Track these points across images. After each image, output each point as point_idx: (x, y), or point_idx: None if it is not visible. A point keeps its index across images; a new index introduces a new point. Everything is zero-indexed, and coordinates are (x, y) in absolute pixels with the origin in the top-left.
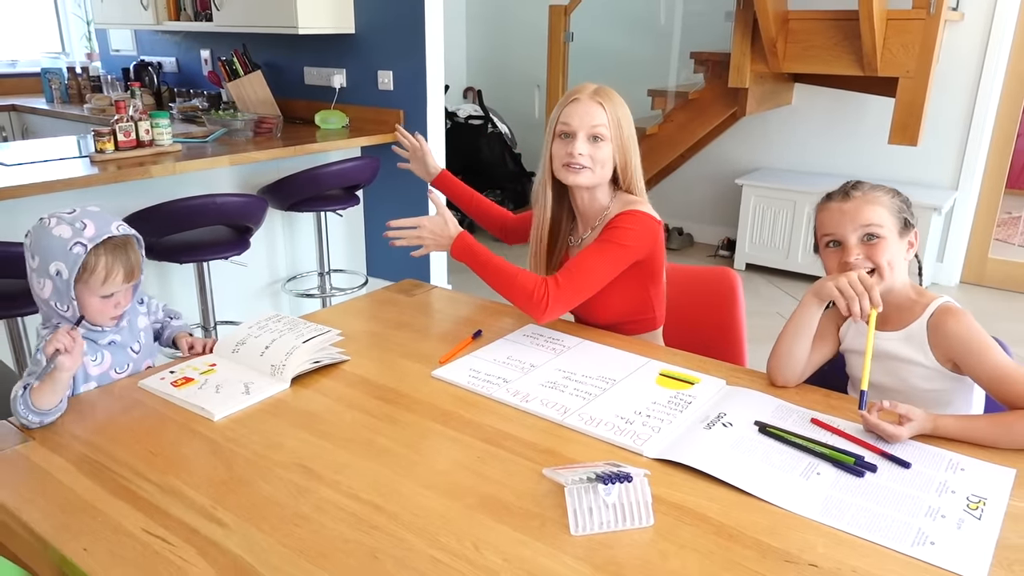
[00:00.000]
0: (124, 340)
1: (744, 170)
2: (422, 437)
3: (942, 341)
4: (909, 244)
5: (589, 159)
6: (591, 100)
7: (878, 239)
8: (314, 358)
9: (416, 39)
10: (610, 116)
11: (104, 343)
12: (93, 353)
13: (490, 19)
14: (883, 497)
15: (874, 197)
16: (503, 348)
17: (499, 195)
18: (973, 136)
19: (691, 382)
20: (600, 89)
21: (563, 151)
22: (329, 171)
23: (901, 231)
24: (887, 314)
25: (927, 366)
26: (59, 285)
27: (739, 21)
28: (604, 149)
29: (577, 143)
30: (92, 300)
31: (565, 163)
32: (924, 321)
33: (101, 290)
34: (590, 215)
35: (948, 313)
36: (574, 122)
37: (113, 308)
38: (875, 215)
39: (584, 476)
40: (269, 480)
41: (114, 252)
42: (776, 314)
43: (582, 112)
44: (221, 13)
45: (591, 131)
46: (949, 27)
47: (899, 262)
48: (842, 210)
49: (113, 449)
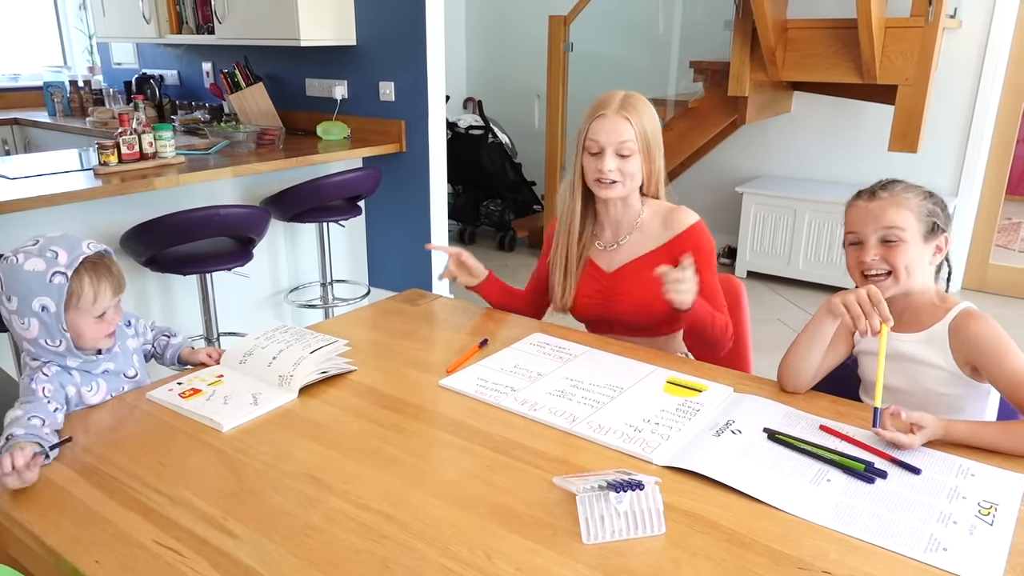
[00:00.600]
0: (118, 367)
1: (744, 178)
2: (431, 446)
3: (963, 344)
4: (937, 248)
5: (619, 173)
6: (617, 116)
7: (898, 242)
8: (321, 368)
9: (417, 50)
10: (637, 129)
11: (98, 372)
12: (88, 383)
13: (490, 30)
14: (894, 503)
15: (902, 199)
16: (510, 357)
17: (500, 204)
18: (972, 143)
19: (699, 389)
20: (626, 101)
21: (593, 167)
22: (331, 182)
23: (926, 235)
24: (906, 316)
25: (944, 369)
26: (47, 320)
27: (738, 30)
28: (632, 163)
29: (606, 160)
30: (86, 324)
31: (596, 179)
32: (946, 324)
33: (94, 311)
34: (623, 223)
35: (972, 316)
36: (602, 139)
37: (108, 326)
38: (898, 217)
39: (595, 484)
40: (279, 490)
41: (95, 270)
42: (778, 321)
43: (609, 128)
44: (223, 26)
45: (619, 148)
46: (947, 35)
47: (919, 266)
48: (867, 209)
49: (123, 461)
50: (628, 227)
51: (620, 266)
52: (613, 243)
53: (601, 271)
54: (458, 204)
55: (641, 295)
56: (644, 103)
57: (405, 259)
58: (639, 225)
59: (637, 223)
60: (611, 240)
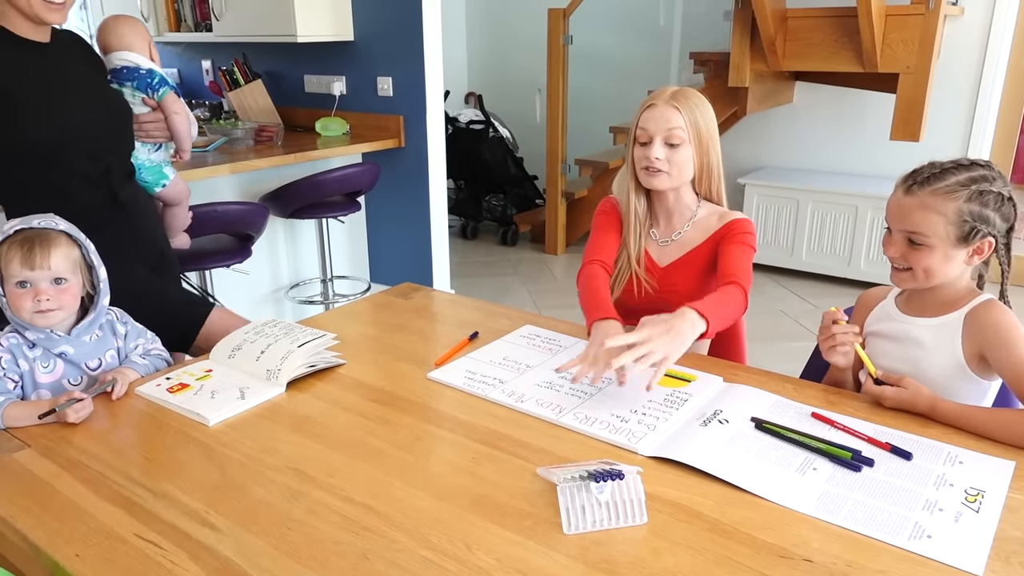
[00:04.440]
0: (79, 355)
1: (746, 169)
2: (416, 439)
3: (977, 332)
4: (975, 251)
5: (666, 163)
6: (667, 105)
7: (922, 246)
8: (309, 362)
9: (414, 45)
10: (687, 119)
11: (55, 351)
12: (46, 361)
13: (490, 24)
14: (880, 491)
15: (937, 202)
16: (499, 349)
17: (502, 199)
18: (976, 131)
19: (688, 379)
20: (677, 93)
21: (641, 155)
22: (330, 177)
23: (959, 240)
24: (926, 302)
25: (949, 358)
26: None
27: (738, 20)
28: (682, 152)
29: (654, 148)
30: (10, 293)
31: (644, 167)
32: (963, 312)
33: (8, 280)
34: (677, 216)
35: (992, 304)
36: (650, 127)
37: (31, 301)
38: (923, 223)
39: (576, 474)
40: (262, 484)
41: (20, 241)
42: (781, 312)
43: (658, 117)
44: (221, 23)
45: (667, 136)
46: (949, 22)
47: (944, 268)
48: (899, 203)
49: (108, 456)
50: (681, 222)
51: (672, 260)
52: (667, 237)
53: (654, 263)
54: (460, 199)
55: (690, 288)
56: (697, 96)
57: (406, 254)
58: (694, 222)
59: (692, 220)
60: (665, 233)
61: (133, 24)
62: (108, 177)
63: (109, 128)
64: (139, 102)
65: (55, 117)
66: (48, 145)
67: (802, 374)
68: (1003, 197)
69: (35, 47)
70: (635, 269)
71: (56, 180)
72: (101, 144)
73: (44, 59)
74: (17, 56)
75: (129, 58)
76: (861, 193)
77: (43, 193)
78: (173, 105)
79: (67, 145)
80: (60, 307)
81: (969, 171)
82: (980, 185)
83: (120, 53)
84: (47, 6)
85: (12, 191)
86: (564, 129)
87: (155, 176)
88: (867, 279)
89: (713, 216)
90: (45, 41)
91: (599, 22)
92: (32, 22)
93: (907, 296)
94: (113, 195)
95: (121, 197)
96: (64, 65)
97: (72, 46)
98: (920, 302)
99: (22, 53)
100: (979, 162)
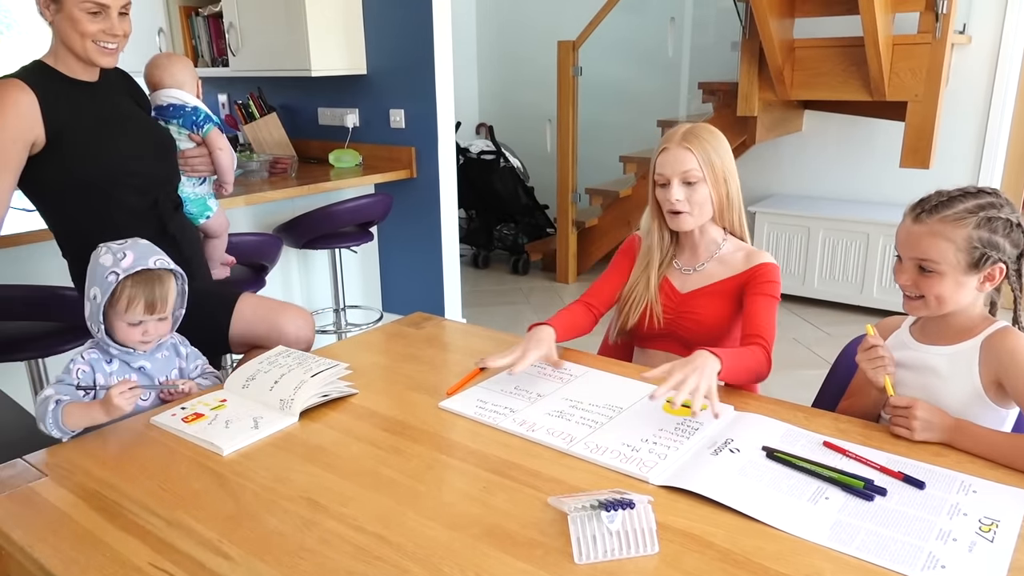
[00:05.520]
0: (155, 369)
1: (757, 197)
2: (428, 468)
3: (994, 359)
4: (987, 277)
5: (686, 203)
6: (679, 147)
7: (932, 273)
8: (322, 392)
9: (426, 78)
10: (700, 157)
11: (135, 366)
12: (124, 374)
13: (500, 56)
14: (893, 521)
15: (946, 229)
16: (510, 378)
17: (513, 228)
18: (987, 158)
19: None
20: (688, 132)
21: (664, 198)
22: (343, 208)
23: (970, 266)
24: (941, 330)
25: (967, 385)
26: (93, 308)
27: (745, 51)
28: (700, 191)
29: (673, 190)
30: (120, 325)
31: (667, 210)
32: (979, 340)
33: (125, 317)
34: (702, 249)
35: (1009, 331)
36: (667, 171)
37: (141, 335)
38: (932, 249)
39: (587, 504)
40: (275, 513)
41: (142, 284)
42: (793, 340)
43: (672, 160)
44: (237, 58)
45: (683, 177)
46: (957, 50)
47: (956, 296)
48: (908, 231)
49: (124, 485)
50: (706, 254)
51: (694, 289)
52: (691, 267)
53: (674, 289)
54: (472, 228)
55: (708, 318)
56: (709, 131)
57: (418, 283)
58: (719, 256)
59: (717, 253)
60: (688, 263)
61: (184, 63)
62: (156, 209)
63: (155, 162)
64: (184, 138)
65: (102, 154)
66: (96, 181)
67: (814, 402)
68: (1012, 223)
69: (85, 87)
70: (652, 298)
71: (106, 214)
72: (147, 178)
73: (94, 98)
74: (70, 96)
75: (177, 95)
76: (872, 220)
77: (96, 227)
78: (217, 141)
79: (115, 180)
80: (160, 336)
81: (976, 198)
82: (988, 212)
83: (169, 90)
84: (100, 51)
85: (67, 225)
86: (574, 159)
87: (199, 208)
88: (880, 306)
89: (739, 253)
90: (94, 80)
91: (608, 54)
92: (84, 64)
93: (922, 324)
94: (162, 227)
95: (170, 229)
96: (111, 103)
97: (118, 82)
98: (935, 330)
99: (74, 93)
100: (986, 189)
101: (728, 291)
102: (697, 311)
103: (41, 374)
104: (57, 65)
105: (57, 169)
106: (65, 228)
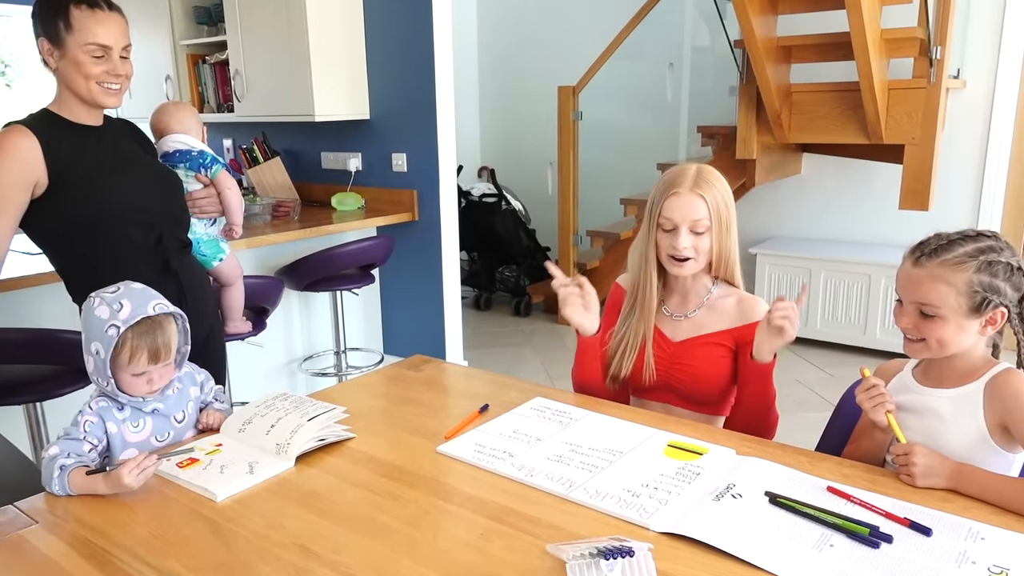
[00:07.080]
0: (168, 409)
1: (757, 239)
2: (424, 514)
3: (999, 402)
4: (988, 322)
5: (693, 250)
6: (691, 193)
7: (934, 317)
8: (319, 436)
9: (428, 123)
10: (711, 207)
11: (147, 411)
12: (136, 420)
13: (502, 101)
14: (900, 569)
15: (946, 274)
16: (510, 422)
17: (515, 270)
18: (986, 198)
19: (700, 452)
20: (699, 178)
21: (667, 243)
22: (345, 251)
23: (971, 310)
24: (944, 373)
25: (971, 429)
26: (97, 363)
27: (743, 95)
28: (705, 240)
29: (681, 238)
30: (124, 376)
31: (670, 255)
32: (983, 383)
33: (129, 369)
34: (693, 295)
35: (1012, 373)
36: (676, 217)
37: (146, 384)
38: (932, 294)
39: (586, 551)
40: (268, 561)
41: (144, 334)
42: (796, 382)
43: (683, 206)
44: (242, 104)
45: (693, 226)
46: (952, 94)
47: (958, 339)
48: (908, 275)
49: (115, 533)
50: (696, 300)
51: (686, 338)
52: (681, 313)
53: (666, 339)
54: (474, 270)
55: (702, 369)
56: (717, 177)
57: (419, 325)
58: (709, 302)
59: (707, 298)
60: (679, 309)
61: (190, 110)
62: (160, 246)
63: (159, 199)
64: (192, 179)
65: (104, 191)
66: (100, 218)
67: (818, 445)
68: (1012, 267)
69: (90, 131)
70: (647, 348)
71: (111, 251)
72: (152, 213)
73: (98, 141)
74: (74, 140)
75: (184, 140)
76: (873, 262)
77: (101, 263)
78: (225, 181)
79: (118, 217)
80: (166, 381)
81: (976, 242)
82: (988, 256)
83: (176, 136)
84: (105, 92)
85: (77, 264)
86: (575, 201)
87: (213, 250)
88: (883, 347)
89: (730, 298)
90: (98, 125)
91: (608, 98)
92: (89, 106)
93: (924, 367)
94: (165, 264)
95: (172, 265)
96: (114, 144)
97: (122, 128)
98: (938, 373)
99: (78, 137)
100: (986, 233)
101: (722, 344)
102: (692, 363)
103: (39, 418)
104: (61, 111)
105: (61, 209)
106: (73, 268)
